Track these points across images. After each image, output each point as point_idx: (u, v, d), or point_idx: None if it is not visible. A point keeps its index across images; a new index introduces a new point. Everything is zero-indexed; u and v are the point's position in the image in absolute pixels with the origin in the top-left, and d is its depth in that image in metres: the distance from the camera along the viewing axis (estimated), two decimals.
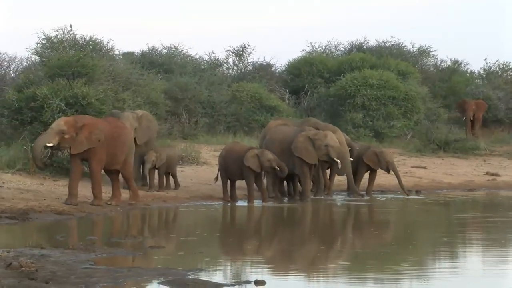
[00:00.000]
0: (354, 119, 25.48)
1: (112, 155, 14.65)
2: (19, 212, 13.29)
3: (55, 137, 14.19)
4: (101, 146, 14.43)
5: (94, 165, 14.47)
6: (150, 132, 16.78)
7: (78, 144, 14.30)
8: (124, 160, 14.87)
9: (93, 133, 14.39)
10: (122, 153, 14.82)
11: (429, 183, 20.31)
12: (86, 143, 14.33)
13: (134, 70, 23.18)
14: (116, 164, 14.81)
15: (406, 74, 28.16)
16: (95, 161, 14.46)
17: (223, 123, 25.33)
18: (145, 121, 16.64)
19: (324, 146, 16.56)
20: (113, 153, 14.67)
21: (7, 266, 8.86)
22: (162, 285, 8.50)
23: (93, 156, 14.43)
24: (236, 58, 30.24)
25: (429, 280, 9.38)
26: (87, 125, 14.40)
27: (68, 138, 14.25)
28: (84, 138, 14.31)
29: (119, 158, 14.78)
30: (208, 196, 16.75)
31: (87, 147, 14.34)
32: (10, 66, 23.94)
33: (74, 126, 14.33)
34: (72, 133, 14.28)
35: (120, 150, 14.77)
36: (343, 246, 12.14)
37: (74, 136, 14.28)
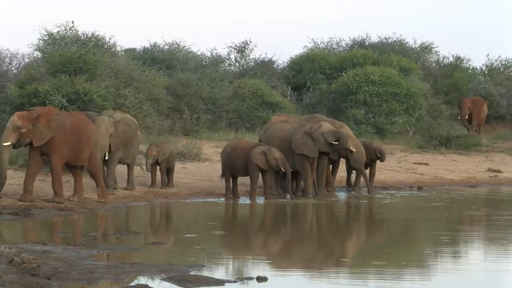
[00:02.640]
0: (356, 115, 25.45)
1: (76, 150, 14.10)
2: (21, 208, 13.31)
3: (11, 134, 13.67)
4: (62, 141, 13.91)
5: (55, 161, 13.89)
6: (126, 137, 15.69)
7: (38, 135, 13.74)
8: (90, 156, 14.29)
9: (51, 120, 13.83)
10: (87, 148, 14.23)
11: (431, 180, 20.30)
12: (46, 131, 13.75)
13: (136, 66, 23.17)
14: (80, 160, 14.23)
15: (408, 70, 28.12)
16: (56, 156, 13.89)
17: (225, 120, 25.32)
18: (121, 126, 15.58)
19: (321, 135, 16.60)
20: (77, 148, 14.10)
21: (9, 262, 8.87)
22: (164, 281, 8.51)
23: (54, 151, 13.87)
24: (238, 55, 30.21)
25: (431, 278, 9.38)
26: (43, 114, 13.82)
27: (26, 132, 13.70)
28: (43, 128, 13.74)
29: (83, 153, 14.20)
30: (209, 193, 16.76)
31: (49, 135, 13.75)
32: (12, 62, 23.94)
33: (29, 118, 13.73)
34: (28, 125, 13.70)
35: (84, 145, 14.19)
36: (345, 242, 12.14)
37: (31, 128, 13.72)
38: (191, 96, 24.78)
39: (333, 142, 16.61)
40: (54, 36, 23.41)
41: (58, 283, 8.18)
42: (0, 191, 13.81)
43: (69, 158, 14.19)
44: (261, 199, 16.42)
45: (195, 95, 24.84)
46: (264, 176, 16.31)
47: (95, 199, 14.59)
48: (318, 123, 16.94)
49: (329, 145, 16.67)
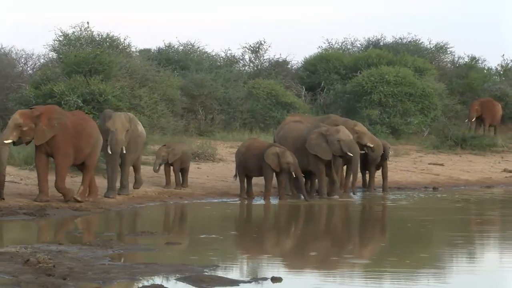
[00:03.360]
0: (371, 115, 25.38)
1: (77, 149, 14.04)
2: (36, 208, 13.36)
3: (12, 132, 13.60)
4: (65, 140, 13.85)
5: (60, 159, 13.83)
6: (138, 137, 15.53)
7: (40, 134, 13.67)
8: (90, 153, 14.23)
9: (52, 118, 13.77)
10: (88, 146, 14.16)
11: (446, 180, 20.23)
12: (48, 130, 13.69)
13: (150, 66, 23.23)
14: (82, 158, 14.16)
15: (423, 70, 28.03)
16: (60, 155, 13.83)
17: (239, 120, 25.33)
18: (133, 125, 15.45)
19: (337, 141, 16.55)
20: (79, 146, 14.04)
21: (25, 262, 8.91)
22: (179, 282, 8.52)
23: (58, 150, 13.81)
24: (252, 55, 30.21)
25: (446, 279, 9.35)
26: (44, 113, 13.77)
27: (27, 130, 13.64)
28: (44, 126, 13.67)
29: (85, 151, 14.14)
30: (224, 193, 16.76)
31: (51, 134, 13.69)
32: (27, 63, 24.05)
33: (31, 117, 13.69)
34: (30, 124, 13.64)
35: (85, 143, 14.12)
36: (360, 243, 12.11)
37: (33, 127, 13.65)
38: (206, 96, 24.80)
39: (348, 153, 16.57)
40: (69, 36, 23.51)
41: (74, 283, 8.20)
42: (2, 190, 13.69)
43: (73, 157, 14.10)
44: (275, 199, 16.41)
45: (209, 95, 24.87)
46: (278, 176, 16.30)
47: (101, 198, 14.53)
48: (336, 127, 16.85)
49: (342, 152, 16.64)
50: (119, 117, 15.11)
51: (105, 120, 15.16)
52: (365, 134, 17.69)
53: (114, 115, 15.12)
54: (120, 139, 14.88)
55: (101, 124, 15.16)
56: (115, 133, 14.85)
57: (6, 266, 8.77)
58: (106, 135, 14.91)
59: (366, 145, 17.49)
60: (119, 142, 14.88)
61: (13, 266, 8.78)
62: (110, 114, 15.25)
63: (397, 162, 21.63)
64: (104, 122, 15.13)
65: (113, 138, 14.84)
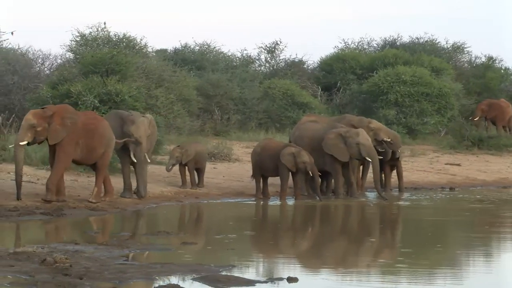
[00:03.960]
0: (387, 115, 25.30)
1: (88, 149, 13.94)
2: (53, 208, 13.42)
3: (27, 133, 13.55)
4: (71, 139, 13.75)
5: (60, 157, 13.66)
6: (154, 139, 15.61)
7: (53, 133, 13.61)
8: (103, 153, 14.12)
9: (65, 118, 13.70)
10: (101, 146, 14.06)
11: (463, 180, 20.14)
12: (61, 130, 13.63)
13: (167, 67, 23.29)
14: (94, 158, 14.07)
15: (440, 70, 27.92)
16: (61, 152, 13.68)
17: (255, 120, 25.33)
18: (152, 128, 15.41)
19: (356, 144, 16.49)
20: (90, 146, 13.94)
21: (42, 262, 8.95)
22: (195, 281, 8.52)
23: (60, 147, 13.68)
24: (268, 55, 30.22)
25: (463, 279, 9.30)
26: (57, 112, 13.71)
27: (41, 130, 13.58)
28: (58, 126, 13.61)
29: (97, 151, 14.04)
30: (240, 193, 16.76)
31: (64, 134, 13.62)
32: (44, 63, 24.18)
33: (44, 117, 13.63)
34: (43, 124, 13.58)
35: (98, 142, 14.01)
36: (376, 243, 12.07)
37: (46, 126, 13.59)
38: (222, 96, 24.83)
39: (366, 158, 16.51)
40: (86, 37, 23.62)
41: (90, 282, 8.23)
42: (20, 190, 13.69)
43: (82, 158, 14.04)
44: (291, 199, 16.39)
45: (225, 95, 24.89)
46: (294, 176, 16.28)
47: (106, 199, 14.37)
48: (356, 130, 16.78)
49: (360, 156, 16.59)
50: (143, 123, 14.88)
51: (123, 122, 14.90)
52: (380, 130, 17.66)
53: (138, 121, 14.86)
54: (144, 147, 14.80)
55: (116, 125, 14.87)
56: (139, 140, 14.70)
57: (23, 266, 8.81)
58: (123, 136, 14.77)
59: (383, 140, 17.45)
60: (143, 149, 14.81)
61: (30, 266, 8.83)
62: (133, 118, 14.93)
63: (414, 162, 21.56)
64: (121, 124, 14.90)
65: (137, 145, 14.70)
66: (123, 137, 14.77)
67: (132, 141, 14.74)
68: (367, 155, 16.52)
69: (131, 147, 14.72)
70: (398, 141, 17.87)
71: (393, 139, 17.73)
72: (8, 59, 21.59)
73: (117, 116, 15.14)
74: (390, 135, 17.76)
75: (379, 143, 17.40)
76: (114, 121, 14.94)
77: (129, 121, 14.82)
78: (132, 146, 14.72)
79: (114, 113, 15.42)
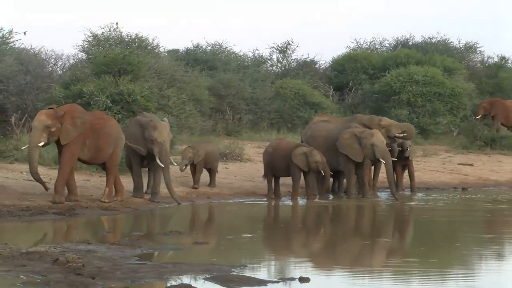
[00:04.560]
0: (399, 115, 25.23)
1: (96, 149, 13.96)
2: (66, 207, 13.46)
3: (42, 134, 13.55)
4: (78, 139, 13.75)
5: (66, 158, 13.69)
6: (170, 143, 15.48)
7: (65, 134, 13.63)
8: (112, 153, 14.13)
9: (75, 117, 13.75)
10: (109, 146, 14.05)
11: (476, 181, 20.07)
12: (72, 129, 13.67)
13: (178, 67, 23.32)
14: (102, 158, 14.10)
15: (452, 70, 27.84)
16: (67, 153, 13.71)
17: (267, 120, 25.33)
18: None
19: (370, 145, 16.46)
20: (97, 146, 13.95)
21: (54, 261, 8.98)
22: (207, 281, 8.53)
23: (67, 147, 13.71)
24: (280, 55, 30.22)
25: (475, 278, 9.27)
26: (67, 112, 13.73)
27: (55, 131, 13.60)
28: (69, 126, 13.65)
29: (105, 151, 14.04)
30: (251, 193, 16.77)
31: (75, 134, 13.67)
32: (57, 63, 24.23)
33: (57, 117, 13.64)
34: (57, 124, 13.59)
35: (105, 142, 14.01)
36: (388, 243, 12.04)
37: (59, 127, 13.61)
38: (233, 96, 24.85)
39: (380, 159, 16.49)
40: (99, 37, 23.69)
41: (102, 282, 8.25)
42: (44, 183, 13.70)
43: (90, 157, 14.05)
44: (303, 199, 16.38)
45: (237, 95, 24.91)
46: (306, 176, 16.27)
47: (117, 199, 14.37)
48: (371, 130, 16.75)
49: (373, 157, 16.56)
50: (165, 127, 14.84)
51: (144, 128, 14.75)
52: (391, 126, 17.65)
53: (159, 125, 14.78)
54: (169, 151, 14.82)
55: (137, 132, 14.74)
56: (163, 145, 14.64)
57: (36, 266, 8.85)
58: (146, 142, 14.67)
59: (396, 136, 17.44)
60: (168, 153, 14.81)
61: (42, 266, 8.86)
62: (155, 123, 14.80)
63: (426, 162, 21.51)
64: (142, 131, 14.74)
65: (163, 149, 14.63)
66: (146, 144, 14.68)
67: (137, 148, 14.69)
68: (381, 156, 16.50)
69: (156, 152, 14.62)
70: (411, 131, 17.87)
71: (406, 130, 17.73)
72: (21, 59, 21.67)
73: (136, 123, 15.01)
74: (401, 128, 17.79)
75: (392, 140, 17.41)
76: (134, 129, 14.88)
77: (151, 127, 14.71)
78: (157, 150, 14.63)
79: (134, 120, 15.29)
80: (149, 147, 14.70)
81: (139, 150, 14.75)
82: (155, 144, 14.63)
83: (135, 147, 14.73)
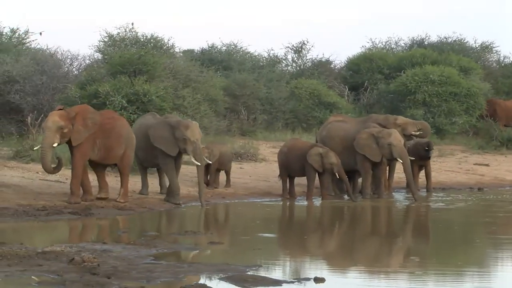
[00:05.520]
0: (415, 115, 25.10)
1: (107, 148, 13.96)
2: (81, 207, 13.51)
3: (56, 135, 13.54)
4: (88, 139, 13.76)
5: (77, 159, 13.72)
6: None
7: (76, 135, 13.66)
8: (124, 154, 14.13)
9: (87, 118, 13.77)
10: (119, 146, 14.06)
11: (492, 181, 19.98)
12: (84, 130, 13.70)
13: (194, 67, 23.33)
14: (113, 158, 14.09)
15: (468, 70, 27.70)
16: (78, 153, 13.73)
17: (282, 120, 25.31)
18: None
19: (387, 145, 16.42)
20: (108, 146, 13.95)
21: (70, 261, 9.01)
22: (222, 281, 8.54)
23: (77, 148, 13.73)
24: (295, 55, 30.19)
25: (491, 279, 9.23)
26: (79, 113, 13.75)
27: (67, 132, 13.62)
28: (80, 127, 13.67)
29: (116, 151, 14.04)
30: (266, 193, 16.76)
31: (86, 134, 13.70)
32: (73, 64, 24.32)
33: (69, 118, 13.66)
34: (69, 125, 13.61)
35: (116, 142, 14.01)
36: (403, 243, 12.00)
37: (71, 128, 13.64)
38: (248, 96, 24.84)
39: (398, 159, 16.44)
40: (114, 37, 23.75)
41: (118, 282, 8.27)
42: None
43: (101, 157, 14.03)
44: (318, 199, 16.36)
45: (252, 95, 24.90)
46: (321, 177, 16.24)
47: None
48: (388, 130, 16.71)
49: (391, 157, 16.52)
50: (196, 126, 14.86)
51: (174, 128, 14.70)
52: (407, 124, 17.64)
53: (191, 125, 14.78)
54: (201, 150, 14.87)
55: (167, 133, 14.68)
56: (197, 144, 14.66)
57: (51, 265, 8.88)
58: (176, 142, 14.64)
59: (412, 134, 17.43)
60: (202, 152, 14.87)
61: (58, 265, 8.89)
62: (186, 123, 14.81)
63: (442, 163, 21.42)
64: (172, 131, 14.69)
65: (197, 148, 14.66)
66: (176, 144, 14.66)
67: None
68: (399, 156, 16.45)
69: (190, 151, 14.61)
70: (427, 128, 17.89)
71: (422, 128, 17.75)
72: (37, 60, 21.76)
73: (165, 123, 14.94)
74: (417, 125, 17.83)
75: (409, 138, 17.38)
76: (163, 129, 14.80)
77: (182, 126, 14.69)
78: (190, 149, 14.60)
79: (161, 121, 15.15)
80: (181, 147, 14.68)
81: (170, 151, 14.66)
82: (188, 143, 14.61)
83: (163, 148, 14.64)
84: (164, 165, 14.94)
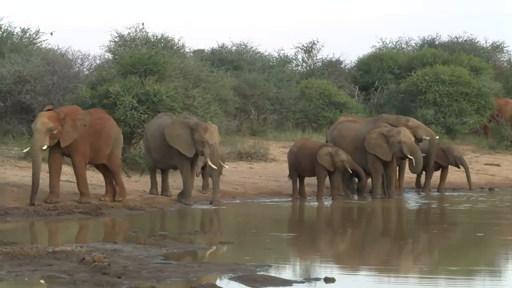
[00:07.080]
0: (426, 115, 25.07)
1: (96, 149, 13.94)
2: (92, 207, 13.55)
3: (45, 137, 13.45)
4: (84, 140, 13.76)
5: (78, 160, 13.73)
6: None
7: (66, 136, 13.58)
8: (110, 153, 14.10)
9: (76, 119, 13.70)
10: (107, 146, 14.04)
11: (502, 181, 19.92)
12: (73, 132, 13.63)
13: (204, 67, 23.34)
14: (101, 158, 14.05)
15: (479, 70, 27.61)
16: (78, 155, 13.75)
17: (292, 120, 25.30)
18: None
19: (397, 142, 16.39)
20: (97, 146, 13.94)
21: (80, 261, 9.04)
22: (232, 281, 8.54)
23: (75, 150, 13.73)
24: (305, 55, 30.16)
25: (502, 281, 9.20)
26: (68, 114, 13.68)
27: (57, 133, 13.53)
28: (70, 128, 13.61)
29: (103, 151, 14.01)
30: (276, 193, 16.76)
31: (75, 135, 13.64)
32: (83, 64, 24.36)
33: (58, 119, 13.58)
34: (58, 126, 13.53)
35: (104, 142, 14.00)
36: (414, 244, 11.97)
37: (61, 129, 13.55)
38: (258, 96, 24.84)
39: (409, 156, 16.40)
40: (125, 37, 23.80)
41: (128, 281, 8.29)
42: (35, 195, 13.44)
43: (90, 157, 14.00)
44: (328, 199, 16.35)
45: (262, 95, 24.89)
46: (331, 176, 16.23)
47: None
48: (398, 128, 16.68)
49: (402, 154, 16.49)
50: (215, 129, 14.86)
51: (193, 130, 14.67)
52: (419, 128, 17.57)
53: (210, 127, 14.77)
54: (218, 153, 14.85)
55: (186, 134, 14.66)
56: (214, 147, 14.68)
57: (62, 265, 8.91)
58: (194, 144, 14.62)
59: (422, 138, 17.37)
60: (218, 155, 14.85)
61: (68, 265, 8.92)
62: (205, 126, 14.77)
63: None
64: (190, 133, 14.66)
65: (214, 151, 14.67)
66: (194, 145, 14.63)
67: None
68: (409, 152, 16.42)
69: (207, 154, 14.58)
70: (434, 139, 17.75)
71: (430, 137, 17.64)
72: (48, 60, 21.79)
73: (184, 124, 14.89)
74: (429, 132, 17.69)
75: (418, 141, 17.32)
76: (182, 130, 14.77)
77: (201, 129, 14.66)
78: (208, 152, 14.59)
79: (179, 122, 15.08)
80: (199, 149, 14.66)
81: (187, 152, 14.65)
82: (207, 146, 14.60)
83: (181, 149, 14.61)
84: (180, 166, 14.90)
